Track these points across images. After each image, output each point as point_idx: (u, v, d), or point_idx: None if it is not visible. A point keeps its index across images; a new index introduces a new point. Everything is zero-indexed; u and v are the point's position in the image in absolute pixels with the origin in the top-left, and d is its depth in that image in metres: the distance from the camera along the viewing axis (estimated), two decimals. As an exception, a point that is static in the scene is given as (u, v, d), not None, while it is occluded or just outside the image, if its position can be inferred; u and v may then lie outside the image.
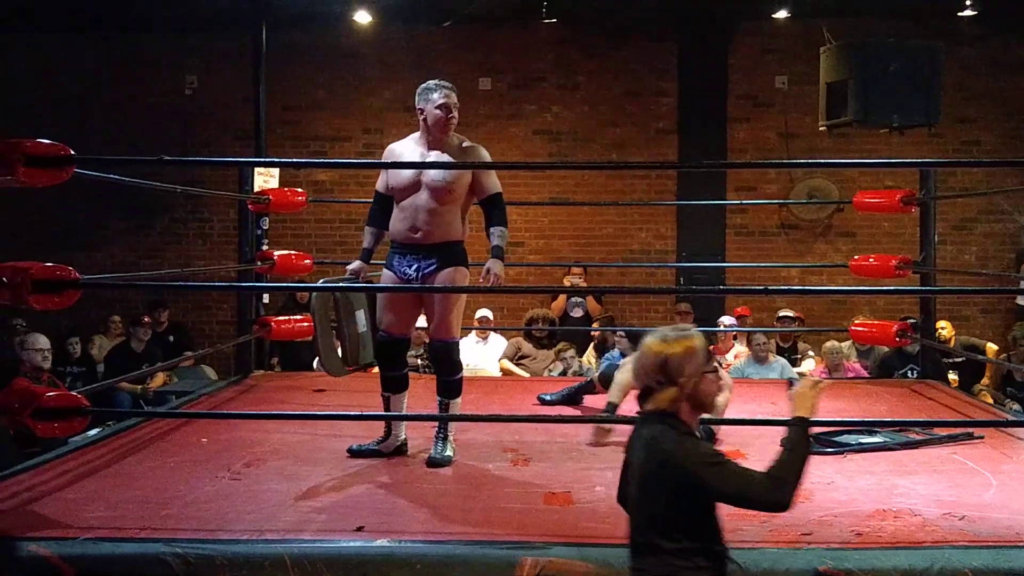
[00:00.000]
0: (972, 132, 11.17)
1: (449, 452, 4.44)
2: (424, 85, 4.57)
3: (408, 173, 4.49)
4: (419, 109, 4.55)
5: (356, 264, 4.69)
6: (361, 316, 4.94)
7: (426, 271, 4.49)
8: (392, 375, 4.67)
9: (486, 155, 4.70)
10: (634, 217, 11.30)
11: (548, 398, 5.93)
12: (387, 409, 4.66)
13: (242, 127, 10.63)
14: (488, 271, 4.45)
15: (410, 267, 4.50)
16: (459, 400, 4.61)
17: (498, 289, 4.85)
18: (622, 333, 8.34)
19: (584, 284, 9.98)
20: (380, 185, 4.67)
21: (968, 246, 11.27)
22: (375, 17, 10.78)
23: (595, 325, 9.32)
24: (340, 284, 4.74)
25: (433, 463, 4.37)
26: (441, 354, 4.60)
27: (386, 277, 4.61)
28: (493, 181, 4.60)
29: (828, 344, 8.33)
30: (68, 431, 3.99)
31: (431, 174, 4.48)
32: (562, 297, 9.84)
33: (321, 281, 4.79)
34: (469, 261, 4.66)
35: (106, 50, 11.37)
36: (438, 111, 4.48)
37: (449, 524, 3.53)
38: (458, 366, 4.64)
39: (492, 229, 4.55)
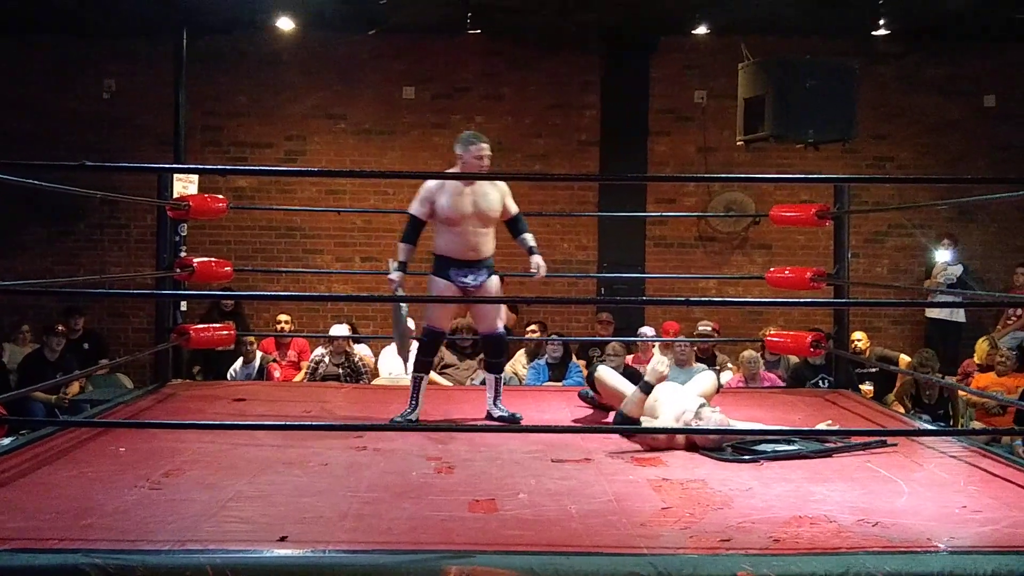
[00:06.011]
0: (885, 148, 11.48)
1: (507, 412, 5.72)
2: (464, 135, 5.65)
3: (466, 206, 5.52)
4: (458, 155, 5.60)
5: (399, 276, 5.62)
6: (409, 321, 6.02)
7: (480, 279, 5.61)
8: (429, 360, 5.81)
9: (505, 185, 5.78)
10: (556, 228, 11.39)
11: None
12: (417, 387, 5.66)
13: (162, 132, 10.49)
14: (538, 265, 5.70)
15: (465, 277, 5.59)
16: (503, 375, 5.86)
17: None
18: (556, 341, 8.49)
19: None
20: (421, 212, 5.60)
21: (880, 259, 11.58)
22: (298, 24, 10.73)
23: (527, 332, 9.37)
24: (402, 295, 5.69)
25: (502, 419, 5.69)
26: (496, 342, 5.80)
27: (441, 285, 5.57)
28: (514, 204, 5.81)
29: (745, 353, 8.47)
30: (-16, 440, 3.91)
31: (483, 206, 5.57)
32: None
33: (395, 288, 5.64)
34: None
35: (22, 52, 11.16)
36: (476, 160, 5.54)
37: (373, 533, 3.52)
38: (506, 350, 6.18)
39: (525, 235, 5.82)
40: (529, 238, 5.81)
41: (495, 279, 5.75)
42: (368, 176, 11.94)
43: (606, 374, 5.81)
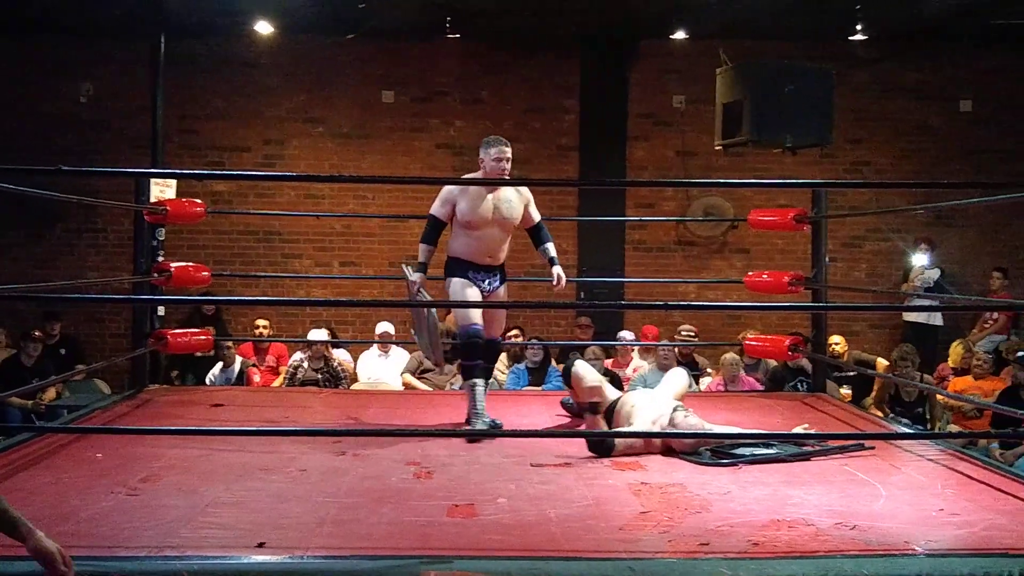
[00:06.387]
0: (862, 153, 11.54)
1: (481, 425, 5.33)
2: (487, 139, 5.55)
3: (486, 211, 5.49)
4: (480, 158, 5.52)
5: (420, 276, 5.58)
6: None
7: (494, 284, 5.66)
8: (477, 362, 5.54)
9: (529, 192, 5.75)
10: (536, 232, 11.36)
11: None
12: (474, 393, 5.45)
13: (138, 136, 10.45)
14: (559, 276, 5.67)
15: (483, 281, 5.61)
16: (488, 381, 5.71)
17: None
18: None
19: None
20: (442, 214, 5.59)
21: (858, 263, 11.63)
22: (276, 28, 10.70)
23: (507, 337, 9.36)
24: (423, 297, 5.63)
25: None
26: (494, 348, 5.82)
27: (461, 285, 5.56)
28: (536, 212, 5.78)
29: (726, 356, 8.49)
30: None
31: (504, 212, 5.53)
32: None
33: (417, 289, 5.58)
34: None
35: (-2, 54, 11.08)
36: (495, 163, 5.44)
37: (352, 539, 3.50)
38: (499, 356, 6.42)
39: (547, 245, 5.78)
40: (551, 248, 5.79)
41: (504, 286, 5.78)
42: (347, 181, 11.91)
43: (582, 370, 5.51)
